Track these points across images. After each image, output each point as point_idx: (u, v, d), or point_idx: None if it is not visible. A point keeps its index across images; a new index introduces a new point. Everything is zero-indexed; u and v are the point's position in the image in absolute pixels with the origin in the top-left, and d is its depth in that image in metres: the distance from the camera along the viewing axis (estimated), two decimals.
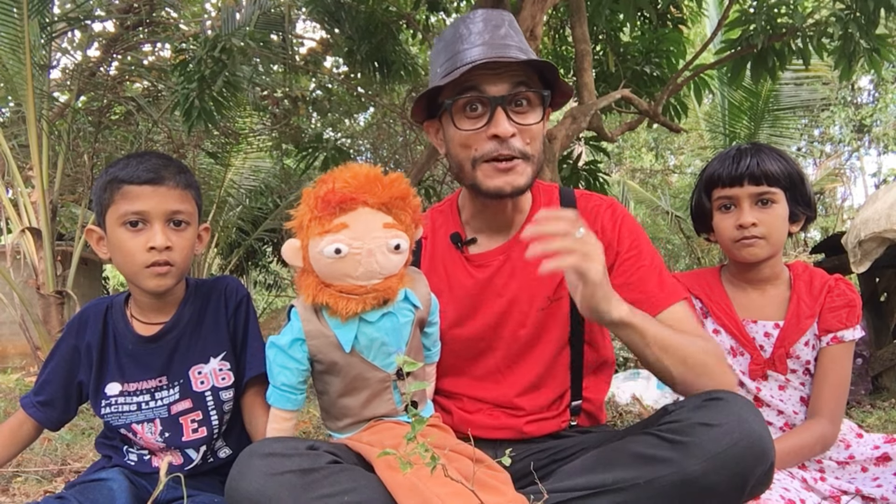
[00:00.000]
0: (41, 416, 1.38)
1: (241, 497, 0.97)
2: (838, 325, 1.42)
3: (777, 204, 1.43)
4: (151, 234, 1.24)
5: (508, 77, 1.22)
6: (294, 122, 5.53)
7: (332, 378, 1.17)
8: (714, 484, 0.98)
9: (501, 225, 1.39)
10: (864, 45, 3.40)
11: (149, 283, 1.27)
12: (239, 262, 9.43)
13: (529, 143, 1.25)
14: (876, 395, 3.35)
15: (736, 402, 1.04)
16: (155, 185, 1.25)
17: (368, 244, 1.07)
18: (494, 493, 0.99)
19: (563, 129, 3.63)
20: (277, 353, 1.15)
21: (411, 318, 1.18)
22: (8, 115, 6.05)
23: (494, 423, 1.34)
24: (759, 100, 6.32)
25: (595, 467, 1.07)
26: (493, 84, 1.22)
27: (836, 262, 3.51)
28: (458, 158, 1.29)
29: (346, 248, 1.06)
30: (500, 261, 1.37)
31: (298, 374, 1.15)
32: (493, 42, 1.24)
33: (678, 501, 1.01)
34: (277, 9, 4.62)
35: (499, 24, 1.27)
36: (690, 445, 1.00)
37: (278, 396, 1.16)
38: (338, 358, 1.14)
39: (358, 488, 0.98)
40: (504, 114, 1.22)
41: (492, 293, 1.36)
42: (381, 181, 1.10)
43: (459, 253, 1.41)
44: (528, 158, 1.26)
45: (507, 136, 1.22)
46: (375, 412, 1.17)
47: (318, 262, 1.10)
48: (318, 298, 1.10)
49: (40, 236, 4.88)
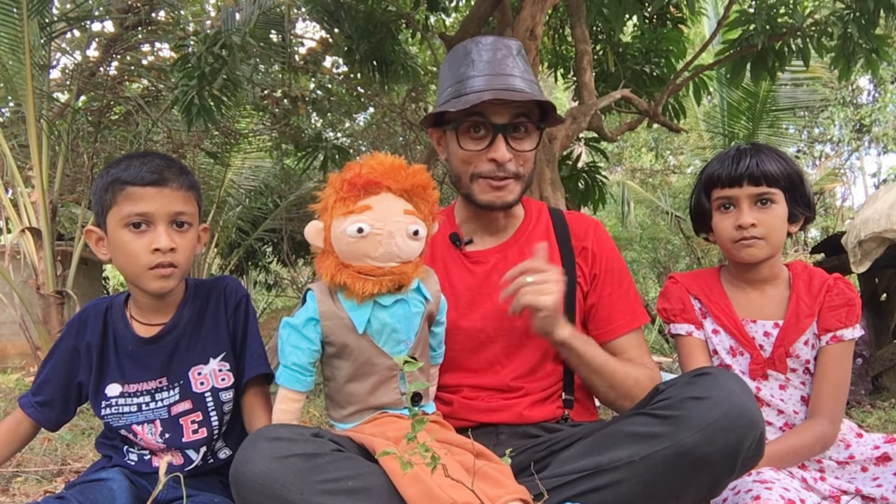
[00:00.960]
0: (39, 415, 1.37)
1: (246, 479, 0.98)
2: (837, 324, 1.42)
3: (776, 204, 1.43)
4: (155, 236, 1.23)
5: (511, 108, 1.37)
6: (294, 122, 5.53)
7: (342, 362, 1.19)
8: (707, 454, 1.03)
9: (495, 230, 1.52)
10: (863, 45, 3.40)
11: (152, 284, 1.26)
12: (239, 262, 9.42)
13: (523, 164, 1.42)
14: (876, 395, 3.36)
15: (724, 376, 1.11)
16: (159, 187, 1.25)
17: (389, 226, 1.13)
18: (496, 485, 1.00)
19: (564, 129, 3.63)
20: (291, 332, 1.17)
21: (422, 309, 1.23)
22: (8, 115, 6.05)
23: (494, 406, 1.40)
24: (758, 100, 6.34)
25: (591, 451, 1.11)
26: (496, 113, 1.37)
27: (836, 262, 3.52)
28: (458, 171, 1.45)
29: (368, 228, 1.12)
30: (497, 258, 1.47)
31: (310, 355, 1.17)
32: (500, 72, 1.38)
33: (673, 475, 1.04)
34: (277, 8, 4.61)
35: (506, 55, 1.41)
36: (682, 419, 1.04)
37: (288, 376, 1.17)
38: (349, 340, 1.16)
39: (361, 475, 1.01)
40: (504, 140, 1.37)
41: (490, 287, 1.44)
42: (404, 169, 1.16)
43: (458, 251, 1.50)
44: (520, 178, 1.43)
45: (504, 162, 1.38)
46: (381, 400, 1.18)
47: (339, 241, 1.14)
48: (337, 278, 1.14)
49: (40, 236, 4.88)
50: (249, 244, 8.71)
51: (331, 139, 5.16)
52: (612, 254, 1.52)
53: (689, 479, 1.05)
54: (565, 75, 4.91)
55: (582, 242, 1.50)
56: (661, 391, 1.13)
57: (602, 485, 1.06)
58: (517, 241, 1.49)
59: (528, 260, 1.31)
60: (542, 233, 1.51)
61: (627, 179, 10.18)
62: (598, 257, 1.49)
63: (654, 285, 9.53)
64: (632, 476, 1.05)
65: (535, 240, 1.46)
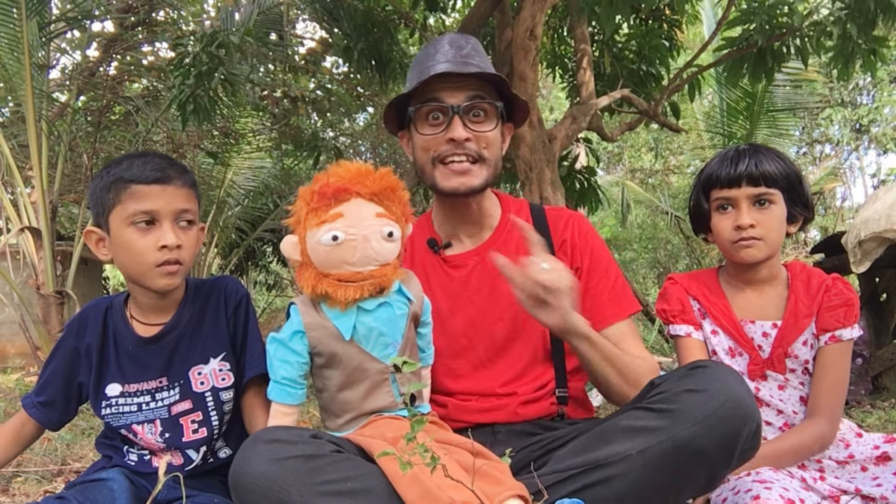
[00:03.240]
0: (42, 416, 1.38)
1: (245, 482, 0.99)
2: (836, 324, 1.42)
3: (775, 205, 1.43)
4: (162, 233, 1.24)
5: (466, 89, 1.38)
6: (294, 122, 5.53)
7: (332, 371, 1.19)
8: (704, 447, 1.02)
9: (471, 229, 1.51)
10: (862, 45, 3.40)
11: (158, 282, 1.27)
12: (239, 262, 9.42)
13: (486, 147, 1.40)
14: (876, 395, 3.36)
15: (719, 369, 1.10)
16: (163, 185, 1.26)
17: (363, 231, 1.14)
18: (494, 483, 1.01)
19: (563, 129, 3.64)
20: (278, 347, 1.18)
21: (406, 310, 1.23)
22: (7, 116, 6.05)
23: (488, 406, 1.40)
24: (755, 101, 6.35)
25: (588, 447, 1.11)
26: (451, 95, 1.38)
27: (836, 262, 3.51)
28: (420, 161, 1.44)
29: (342, 235, 1.13)
30: (475, 261, 1.47)
31: (299, 368, 1.18)
32: (455, 59, 1.40)
33: (671, 468, 1.04)
34: (276, 8, 4.62)
35: (462, 46, 1.44)
36: (678, 412, 1.04)
37: (279, 391, 1.18)
38: (337, 349, 1.17)
39: (360, 476, 1.01)
40: (460, 121, 1.37)
41: (470, 291, 1.45)
42: (371, 174, 1.17)
43: (436, 256, 1.50)
44: (484, 161, 1.40)
45: (461, 140, 1.37)
46: (375, 405, 1.19)
47: (316, 251, 1.15)
48: (319, 288, 1.15)
49: (40, 236, 4.87)
50: (249, 244, 8.71)
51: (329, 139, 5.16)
52: (595, 244, 1.49)
53: (686, 472, 1.05)
54: (564, 75, 4.91)
55: (562, 236, 1.48)
56: (657, 385, 1.13)
57: (600, 480, 1.06)
58: (496, 241, 1.48)
59: (535, 254, 1.24)
60: (520, 232, 1.48)
61: (627, 180, 10.18)
62: (578, 249, 1.47)
63: (654, 286, 9.53)
64: (629, 470, 1.04)
65: (514, 241, 1.45)
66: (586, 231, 1.50)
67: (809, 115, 9.96)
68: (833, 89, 10.89)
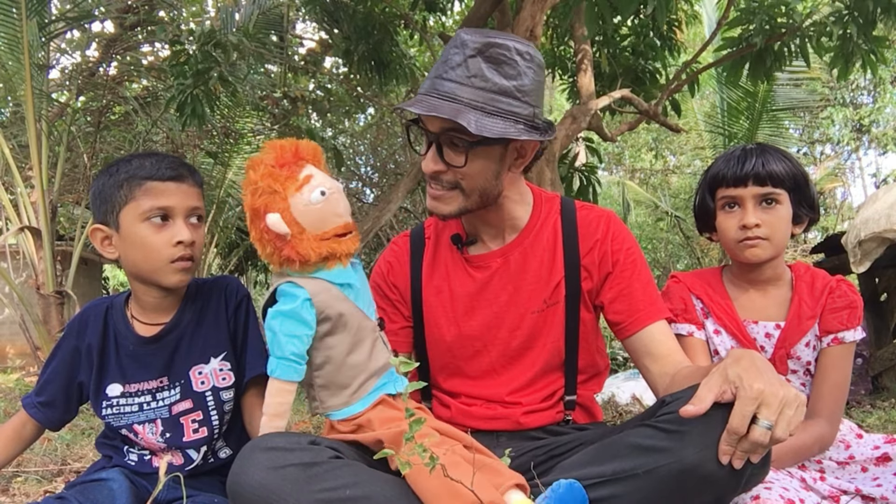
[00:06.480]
0: (42, 416, 1.38)
1: (243, 491, 0.98)
2: (839, 326, 1.42)
3: (781, 205, 1.43)
4: (177, 230, 1.26)
5: (440, 120, 1.22)
6: (293, 123, 5.53)
7: (339, 337, 1.17)
8: (711, 472, 1.00)
9: (492, 230, 1.43)
10: (862, 46, 3.40)
11: (172, 278, 1.28)
12: (239, 262, 9.42)
13: (462, 178, 1.28)
14: (876, 395, 3.36)
15: None
16: (178, 182, 1.28)
17: (335, 184, 1.19)
18: (493, 474, 1.01)
19: (564, 129, 3.64)
20: (284, 320, 1.13)
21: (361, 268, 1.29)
22: (7, 116, 6.05)
23: (492, 414, 1.38)
24: (756, 100, 6.35)
25: (594, 460, 1.09)
26: (429, 122, 1.26)
27: (836, 262, 3.52)
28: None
29: (327, 189, 1.16)
30: (499, 263, 1.41)
31: (306, 341, 1.14)
32: (441, 75, 1.24)
33: (677, 490, 1.02)
34: (276, 8, 4.62)
35: (462, 58, 1.23)
36: (686, 434, 1.01)
37: (286, 367, 1.13)
38: (344, 308, 1.17)
39: (360, 482, 0.99)
40: (436, 151, 1.27)
41: (490, 294, 1.41)
42: (298, 144, 1.20)
43: (460, 254, 1.45)
44: (461, 189, 1.30)
45: (427, 172, 1.29)
46: (378, 363, 1.19)
47: (307, 213, 1.15)
48: (322, 249, 1.15)
49: (40, 236, 4.87)
50: (249, 244, 8.68)
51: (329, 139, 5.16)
52: (628, 245, 1.41)
53: (692, 495, 1.03)
54: (563, 76, 4.91)
55: (592, 238, 1.40)
56: (668, 403, 1.08)
57: (604, 496, 1.04)
58: (521, 244, 1.41)
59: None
60: (548, 234, 1.42)
61: (627, 180, 10.18)
62: (610, 251, 1.39)
63: None
64: (635, 489, 1.03)
65: (541, 242, 1.40)
66: (618, 231, 1.42)
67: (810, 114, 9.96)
68: (834, 89, 10.89)
